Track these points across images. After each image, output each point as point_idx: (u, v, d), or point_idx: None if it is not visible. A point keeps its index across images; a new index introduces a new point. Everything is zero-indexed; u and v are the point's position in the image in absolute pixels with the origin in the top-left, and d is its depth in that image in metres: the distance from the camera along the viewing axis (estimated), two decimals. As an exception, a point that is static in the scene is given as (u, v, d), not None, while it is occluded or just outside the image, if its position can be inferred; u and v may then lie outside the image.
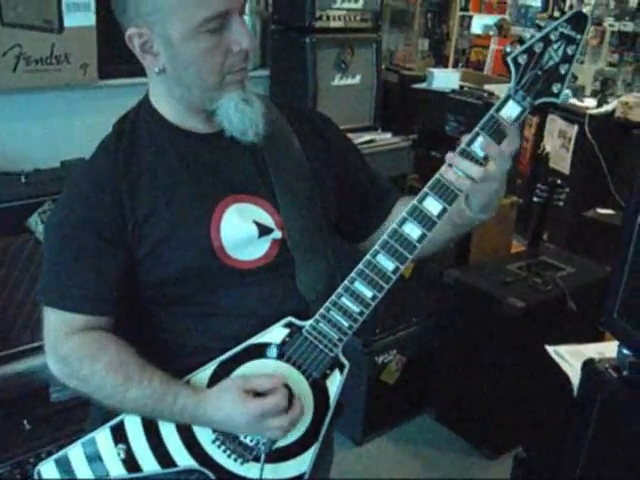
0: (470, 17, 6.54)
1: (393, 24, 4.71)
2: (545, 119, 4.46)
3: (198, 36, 1.12)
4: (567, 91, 1.17)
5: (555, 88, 1.15)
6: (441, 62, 5.17)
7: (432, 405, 3.19)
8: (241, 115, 1.19)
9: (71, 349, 1.20)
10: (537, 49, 1.13)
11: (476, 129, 1.16)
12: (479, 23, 6.66)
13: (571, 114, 4.23)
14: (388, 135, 3.34)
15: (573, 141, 4.20)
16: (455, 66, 5.43)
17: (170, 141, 1.23)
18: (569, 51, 1.13)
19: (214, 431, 1.23)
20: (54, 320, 1.22)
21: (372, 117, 3.41)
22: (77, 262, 1.20)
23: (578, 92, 4.69)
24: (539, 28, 1.14)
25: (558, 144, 4.34)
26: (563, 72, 1.14)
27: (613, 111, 4.13)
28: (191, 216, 1.20)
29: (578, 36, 1.13)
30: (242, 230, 1.22)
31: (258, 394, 1.19)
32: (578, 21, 1.12)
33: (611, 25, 5.60)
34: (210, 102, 1.19)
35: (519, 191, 3.41)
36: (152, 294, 1.25)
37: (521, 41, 1.15)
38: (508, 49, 1.15)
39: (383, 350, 2.94)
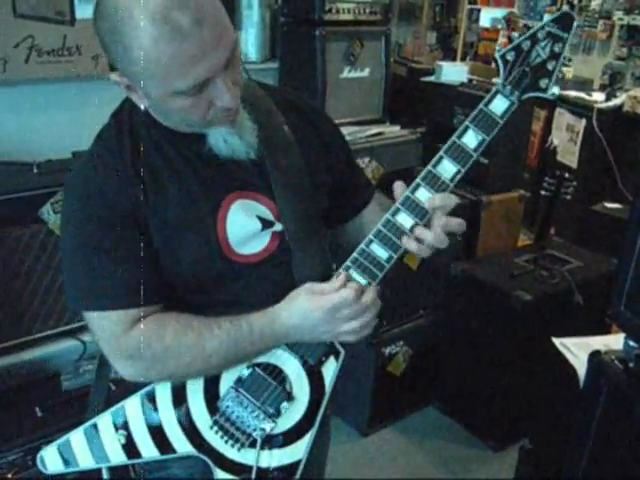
0: (478, 10, 6.51)
1: (402, 17, 4.69)
2: (553, 113, 4.45)
3: (176, 97, 1.10)
4: (555, 89, 1.21)
5: (543, 83, 1.20)
6: (449, 55, 5.14)
7: (438, 397, 3.21)
8: (230, 146, 1.20)
9: (134, 341, 1.19)
10: (525, 47, 1.18)
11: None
12: (487, 16, 6.63)
13: (579, 108, 4.22)
14: (396, 128, 3.35)
15: (581, 135, 4.19)
16: (463, 59, 5.39)
17: (169, 142, 1.22)
18: (556, 49, 1.18)
19: (212, 415, 1.25)
20: (104, 324, 1.20)
21: (380, 110, 3.42)
22: (102, 262, 1.18)
23: (586, 86, 4.68)
24: (527, 29, 1.19)
25: (566, 138, 4.34)
26: (551, 68, 1.19)
27: (621, 105, 4.12)
28: (197, 215, 1.20)
29: (565, 34, 1.17)
30: (247, 226, 1.23)
31: None
32: (565, 21, 1.17)
33: (620, 19, 5.59)
34: (199, 129, 1.19)
35: (527, 184, 3.41)
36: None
37: (511, 41, 1.21)
38: (498, 48, 1.21)
39: (390, 342, 2.96)
